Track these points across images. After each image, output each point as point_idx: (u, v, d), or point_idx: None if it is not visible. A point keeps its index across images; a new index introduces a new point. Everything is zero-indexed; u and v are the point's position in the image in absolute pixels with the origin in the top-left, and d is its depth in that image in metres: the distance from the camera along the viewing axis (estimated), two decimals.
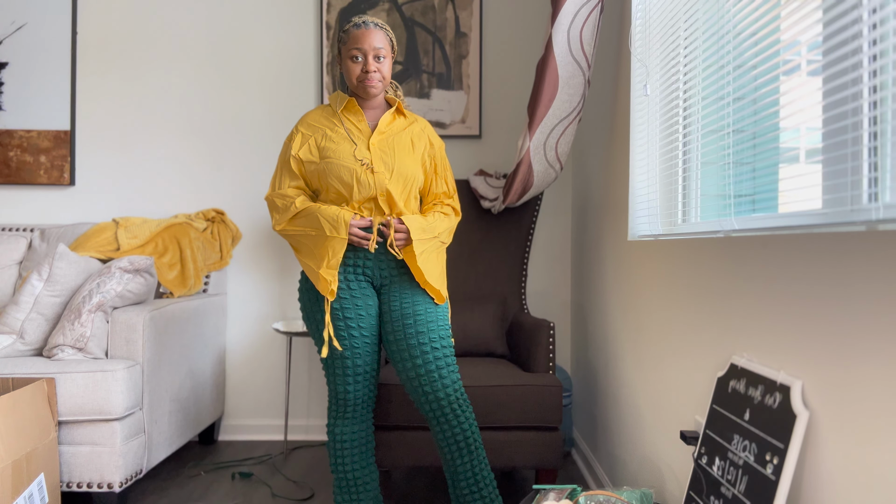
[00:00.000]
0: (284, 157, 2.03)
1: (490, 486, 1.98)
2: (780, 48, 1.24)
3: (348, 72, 1.96)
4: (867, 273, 0.93)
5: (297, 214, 1.96)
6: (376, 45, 1.93)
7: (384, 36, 1.96)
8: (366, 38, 1.92)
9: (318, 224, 1.92)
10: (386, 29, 1.98)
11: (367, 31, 1.93)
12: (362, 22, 1.95)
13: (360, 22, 1.95)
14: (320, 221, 1.92)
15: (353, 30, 1.94)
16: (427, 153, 2.06)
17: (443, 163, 2.10)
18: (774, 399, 1.15)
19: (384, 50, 1.95)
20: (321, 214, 1.92)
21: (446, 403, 1.94)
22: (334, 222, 1.90)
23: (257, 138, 3.35)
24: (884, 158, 0.95)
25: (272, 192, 2.03)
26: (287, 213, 1.97)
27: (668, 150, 1.92)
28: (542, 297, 3.36)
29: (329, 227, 1.91)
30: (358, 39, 1.93)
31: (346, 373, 1.96)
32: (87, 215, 3.36)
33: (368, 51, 1.93)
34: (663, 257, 1.87)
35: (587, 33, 2.39)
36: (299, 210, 1.95)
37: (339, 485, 2.03)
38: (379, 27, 1.95)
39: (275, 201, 2.01)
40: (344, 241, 1.91)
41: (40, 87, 3.33)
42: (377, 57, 1.94)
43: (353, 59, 1.94)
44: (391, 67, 1.99)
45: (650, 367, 1.96)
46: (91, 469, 2.25)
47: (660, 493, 1.84)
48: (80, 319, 2.36)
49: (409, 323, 1.95)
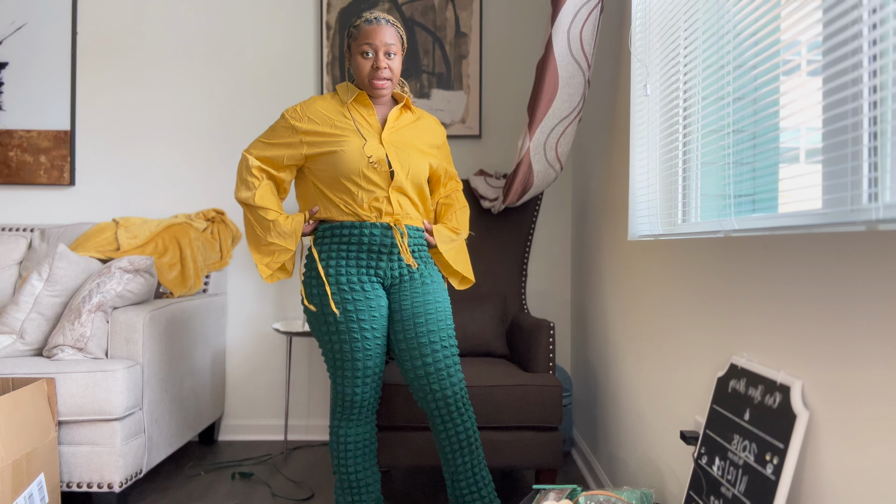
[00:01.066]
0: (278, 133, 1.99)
1: (489, 486, 1.99)
2: (780, 48, 1.24)
3: (358, 68, 1.95)
4: (867, 273, 0.93)
5: (254, 207, 2.00)
6: (387, 42, 1.92)
7: (395, 32, 1.95)
8: (377, 33, 1.91)
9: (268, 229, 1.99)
10: (397, 25, 1.96)
11: (379, 27, 1.91)
12: (374, 18, 1.93)
13: (372, 17, 1.93)
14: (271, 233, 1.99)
15: (365, 25, 1.92)
16: (435, 144, 2.10)
17: (447, 151, 2.18)
18: (774, 399, 1.15)
19: (395, 46, 1.93)
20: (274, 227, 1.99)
21: (452, 402, 1.94)
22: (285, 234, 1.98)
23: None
24: (884, 158, 0.95)
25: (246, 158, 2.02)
26: (246, 194, 2.00)
27: (668, 150, 1.92)
28: (542, 297, 3.36)
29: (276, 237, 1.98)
30: (369, 35, 1.91)
31: (356, 375, 1.96)
32: (87, 215, 3.36)
33: (379, 46, 1.91)
34: (663, 257, 1.87)
35: (587, 33, 2.39)
36: (256, 205, 1.99)
37: (342, 486, 2.03)
38: (390, 23, 1.94)
39: (242, 173, 2.02)
40: (290, 252, 1.99)
41: (40, 87, 3.33)
42: (388, 53, 1.93)
43: (364, 54, 1.93)
44: (401, 64, 1.99)
45: (650, 367, 1.96)
46: (91, 469, 2.25)
47: (660, 493, 1.84)
48: (80, 319, 2.36)
49: (421, 322, 1.95)
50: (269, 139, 2.00)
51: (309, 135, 1.95)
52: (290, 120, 1.98)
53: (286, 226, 1.98)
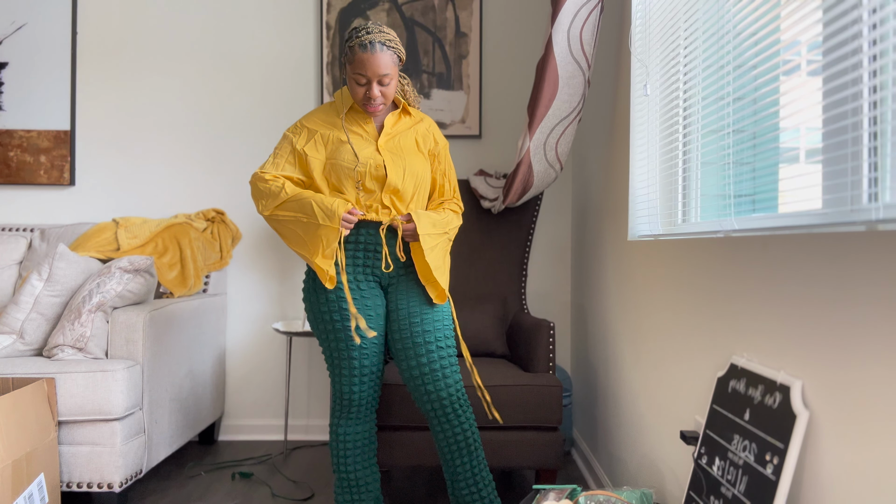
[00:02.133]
0: (284, 148, 2.00)
1: (489, 486, 1.99)
2: (780, 48, 1.24)
3: (352, 90, 1.93)
4: (867, 273, 0.93)
5: (288, 200, 1.92)
6: (381, 72, 1.87)
7: (390, 57, 1.89)
8: (370, 64, 1.86)
9: (311, 211, 1.89)
10: (393, 48, 1.90)
11: (373, 56, 1.86)
12: (368, 42, 1.86)
13: (367, 42, 1.86)
14: (314, 208, 1.88)
15: (360, 52, 1.86)
16: (432, 151, 2.07)
17: (447, 161, 2.10)
18: (774, 399, 1.15)
19: (390, 74, 1.89)
20: (315, 202, 1.88)
21: (448, 403, 1.94)
22: (329, 211, 1.87)
23: (257, 138, 3.35)
24: (884, 158, 0.95)
25: (258, 175, 1.97)
26: (276, 199, 1.93)
27: (667, 150, 1.92)
28: (542, 297, 3.36)
29: (322, 216, 1.87)
30: (363, 65, 1.86)
31: (353, 373, 1.96)
32: (87, 215, 3.36)
33: (373, 77, 1.88)
34: (663, 257, 1.87)
35: (587, 33, 2.39)
36: (290, 196, 1.92)
37: (341, 485, 2.03)
38: (385, 48, 1.87)
39: (258, 185, 1.96)
40: (337, 231, 1.87)
41: (40, 87, 3.33)
42: (381, 82, 1.90)
43: (357, 82, 1.90)
44: (396, 84, 1.97)
45: (650, 367, 1.96)
46: (91, 469, 2.25)
47: (660, 493, 1.84)
48: (80, 319, 2.36)
49: (416, 322, 1.95)
50: (275, 157, 2.01)
51: (307, 146, 1.98)
52: (290, 136, 2.01)
53: (327, 201, 1.88)
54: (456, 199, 2.13)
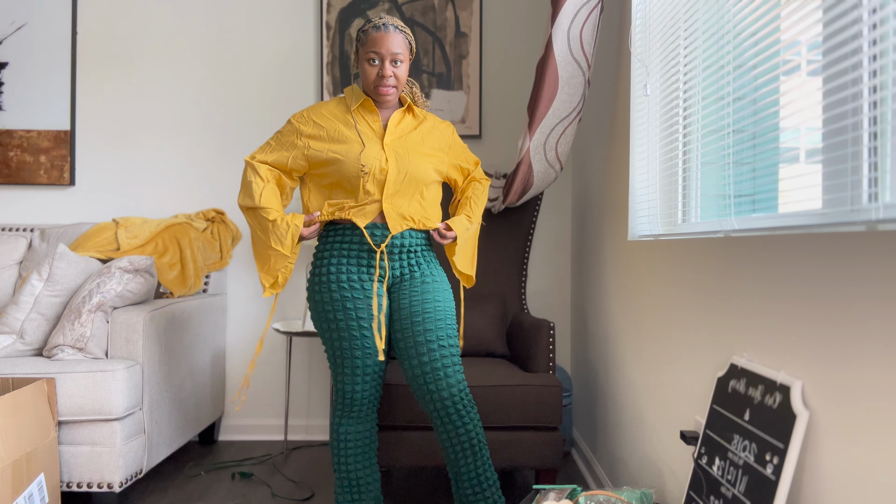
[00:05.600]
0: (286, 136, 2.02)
1: (493, 486, 1.98)
2: (780, 48, 1.24)
3: (364, 74, 1.96)
4: (867, 273, 0.93)
5: (257, 208, 1.99)
6: (394, 50, 1.91)
7: (403, 39, 1.94)
8: (384, 41, 1.90)
9: (266, 232, 1.97)
10: (405, 32, 1.96)
11: (387, 34, 1.91)
12: (382, 24, 1.92)
13: (381, 24, 1.92)
14: (269, 231, 1.97)
15: (373, 31, 1.91)
16: (444, 144, 2.10)
17: (458, 144, 2.17)
18: (774, 399, 1.15)
19: (402, 54, 1.93)
20: (272, 226, 1.97)
21: (450, 403, 1.93)
22: (278, 238, 1.96)
23: (257, 138, 3.35)
24: (884, 158, 0.95)
25: (251, 164, 2.02)
26: (251, 200, 2.00)
27: (667, 150, 1.92)
28: (542, 297, 3.36)
29: (274, 240, 1.96)
30: (376, 42, 1.91)
31: (356, 372, 1.96)
32: (87, 215, 3.36)
33: (386, 55, 1.91)
34: (663, 257, 1.87)
35: (587, 33, 2.39)
36: (260, 206, 1.98)
37: (342, 484, 2.03)
38: (398, 30, 1.93)
39: (247, 176, 2.02)
40: (284, 257, 1.97)
41: (40, 87, 3.33)
42: (394, 61, 1.92)
43: (370, 61, 1.93)
44: (408, 70, 1.99)
45: (650, 367, 1.96)
46: (91, 469, 2.25)
47: (660, 493, 1.84)
48: (80, 319, 2.36)
49: (418, 321, 1.95)
50: (275, 142, 2.04)
51: (312, 139, 1.98)
52: (296, 124, 2.02)
53: (282, 226, 1.97)
54: (479, 170, 2.23)
